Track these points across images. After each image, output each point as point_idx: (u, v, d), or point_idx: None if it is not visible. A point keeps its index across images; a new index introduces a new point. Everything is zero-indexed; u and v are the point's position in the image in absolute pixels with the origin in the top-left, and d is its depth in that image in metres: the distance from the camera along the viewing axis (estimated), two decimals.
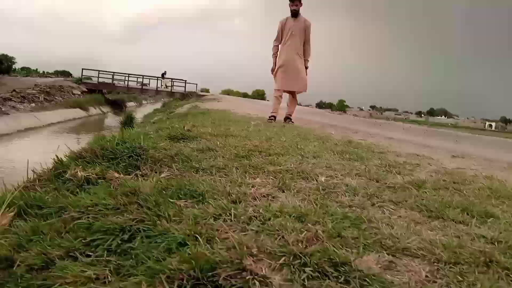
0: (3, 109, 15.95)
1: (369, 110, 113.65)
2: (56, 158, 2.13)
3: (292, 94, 6.80)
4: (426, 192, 2.03)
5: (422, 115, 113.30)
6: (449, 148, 5.39)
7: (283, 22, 6.57)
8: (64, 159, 2.15)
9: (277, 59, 6.68)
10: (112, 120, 22.33)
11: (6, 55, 43.03)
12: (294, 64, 6.52)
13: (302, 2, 6.50)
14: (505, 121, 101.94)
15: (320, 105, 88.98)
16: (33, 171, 2.08)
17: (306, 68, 6.69)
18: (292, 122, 6.68)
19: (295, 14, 6.49)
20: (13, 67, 43.60)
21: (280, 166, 2.34)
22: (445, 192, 2.08)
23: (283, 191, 1.82)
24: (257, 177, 2.09)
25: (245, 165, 2.36)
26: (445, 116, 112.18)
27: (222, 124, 5.36)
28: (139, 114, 20.64)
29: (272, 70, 6.77)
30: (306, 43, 6.60)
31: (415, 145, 5.30)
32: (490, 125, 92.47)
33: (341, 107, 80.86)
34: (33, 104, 19.10)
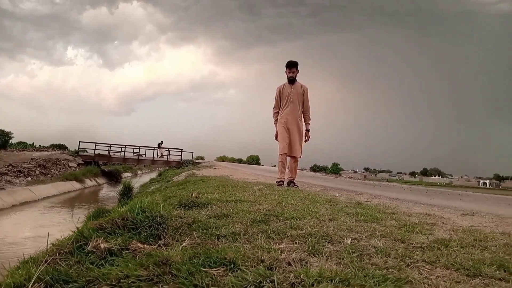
0: None
1: (363, 172, 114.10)
2: (76, 230, 2.09)
3: (294, 158, 6.84)
4: (455, 251, 1.99)
5: (416, 175, 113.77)
6: (456, 206, 5.36)
7: (281, 89, 6.65)
8: (84, 231, 2.10)
9: (278, 125, 6.70)
10: (107, 192, 22.14)
11: (4, 130, 43.59)
12: (295, 130, 6.58)
13: (298, 69, 6.60)
14: (498, 178, 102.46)
15: (314, 169, 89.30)
16: (52, 244, 2.02)
17: (308, 131, 6.75)
18: (297, 186, 6.67)
19: (292, 81, 6.56)
20: (10, 141, 43.91)
21: (301, 230, 2.31)
22: (474, 250, 2.05)
23: (315, 256, 1.78)
24: (282, 242, 2.05)
25: (265, 230, 2.33)
26: (439, 176, 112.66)
27: (227, 191, 5.34)
28: (135, 184, 20.50)
29: (276, 136, 6.80)
30: (305, 107, 6.67)
31: (421, 205, 5.27)
32: (485, 183, 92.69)
33: (335, 170, 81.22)
34: (29, 178, 18.98)
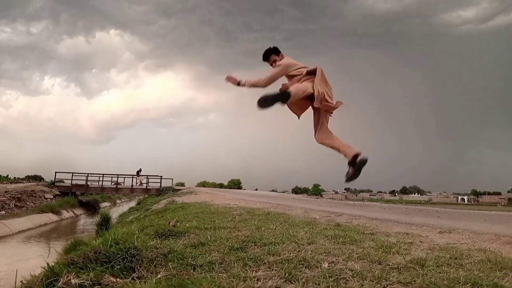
0: None
1: (344, 192, 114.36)
2: (46, 266, 2.02)
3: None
4: (430, 270, 2.01)
5: (396, 193, 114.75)
6: (434, 224, 5.42)
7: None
8: (55, 266, 2.03)
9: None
10: (85, 223, 21.58)
11: None
12: None
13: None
14: (476, 193, 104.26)
15: (296, 191, 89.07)
16: (21, 282, 1.95)
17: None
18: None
19: None
20: None
21: (279, 256, 2.29)
22: (449, 268, 2.07)
23: (291, 282, 1.77)
24: (259, 269, 2.03)
25: (243, 257, 2.30)
26: (418, 193, 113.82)
27: (206, 218, 5.28)
28: (114, 214, 20.04)
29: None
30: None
31: (400, 224, 5.31)
32: (463, 199, 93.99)
33: (316, 191, 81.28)
34: (3, 212, 18.36)
